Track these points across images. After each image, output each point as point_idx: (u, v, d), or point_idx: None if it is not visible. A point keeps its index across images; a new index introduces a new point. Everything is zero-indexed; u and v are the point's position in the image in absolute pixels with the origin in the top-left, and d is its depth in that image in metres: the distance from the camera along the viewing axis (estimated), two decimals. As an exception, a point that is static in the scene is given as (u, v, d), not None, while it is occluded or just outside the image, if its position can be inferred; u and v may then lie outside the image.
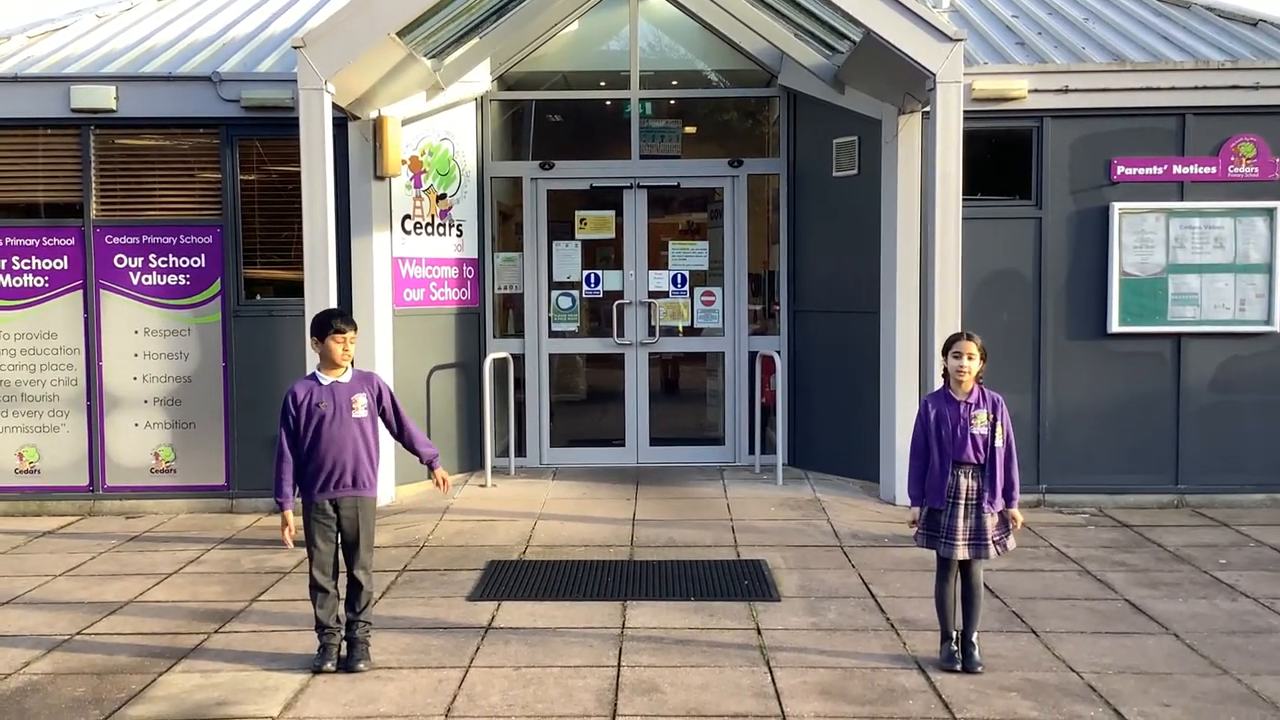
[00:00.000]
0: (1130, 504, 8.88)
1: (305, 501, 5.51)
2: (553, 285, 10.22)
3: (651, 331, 10.13)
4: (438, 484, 5.74)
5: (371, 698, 5.09)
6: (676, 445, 10.36)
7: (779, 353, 9.88)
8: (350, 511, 5.50)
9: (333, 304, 7.83)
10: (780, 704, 4.97)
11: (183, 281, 9.01)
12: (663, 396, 10.72)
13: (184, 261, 9.00)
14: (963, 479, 5.34)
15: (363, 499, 5.55)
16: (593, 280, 10.17)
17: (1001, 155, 8.98)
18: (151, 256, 9.00)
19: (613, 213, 10.17)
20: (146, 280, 9.01)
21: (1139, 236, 8.89)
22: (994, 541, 5.35)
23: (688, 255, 10.22)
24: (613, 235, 10.20)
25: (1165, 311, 8.90)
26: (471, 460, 9.82)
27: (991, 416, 5.34)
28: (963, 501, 5.34)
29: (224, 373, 9.02)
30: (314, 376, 5.52)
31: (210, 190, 9.06)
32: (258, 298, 9.12)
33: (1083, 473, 8.94)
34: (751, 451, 10.06)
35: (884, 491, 8.96)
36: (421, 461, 5.80)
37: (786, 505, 8.76)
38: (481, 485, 9.43)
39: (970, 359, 5.35)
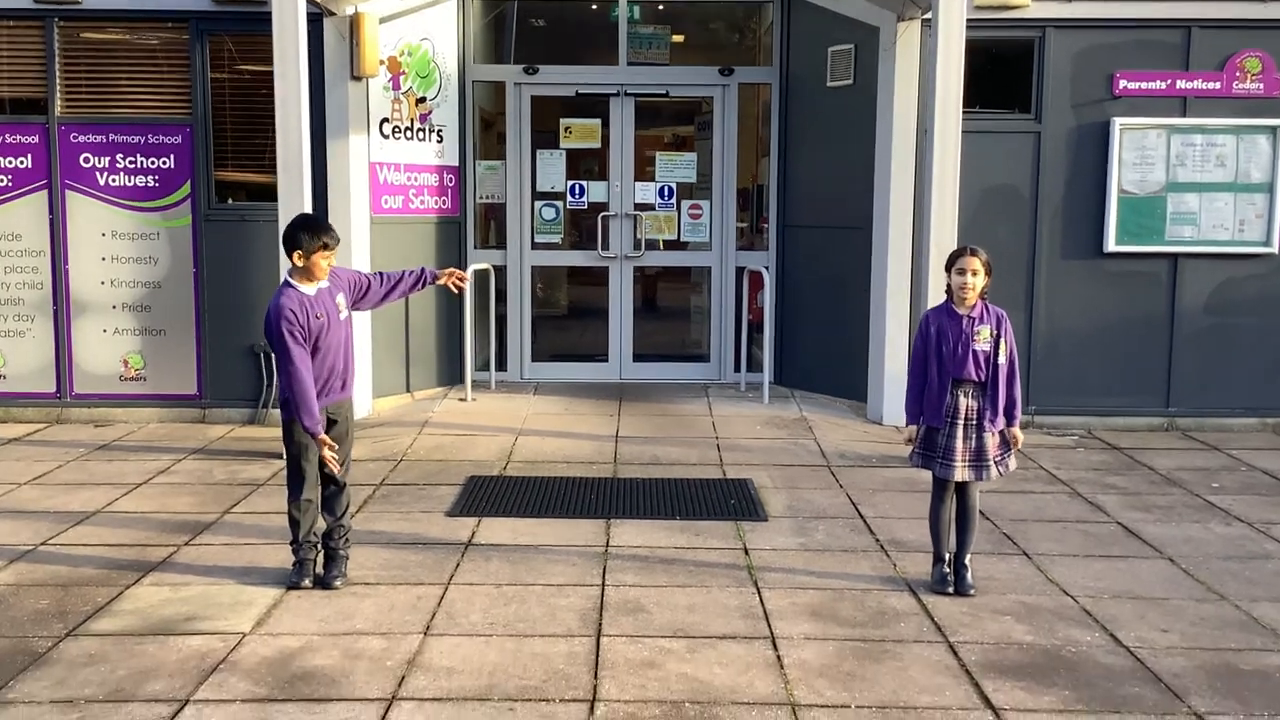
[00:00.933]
0: (1120, 426, 8.76)
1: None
2: (536, 196, 9.92)
3: (637, 245, 9.87)
4: (454, 281, 5.68)
5: (348, 614, 4.92)
6: (661, 362, 10.17)
7: (767, 268, 9.65)
8: (341, 414, 5.32)
9: (308, 210, 7.54)
10: (769, 625, 4.84)
11: (151, 183, 8.67)
12: (647, 312, 10.50)
13: (152, 162, 8.65)
14: (962, 398, 5.16)
15: (348, 401, 5.41)
16: (577, 191, 9.87)
17: (1001, 67, 8.69)
18: (119, 156, 8.64)
19: (599, 121, 9.84)
20: (114, 181, 8.66)
21: (1139, 153, 8.65)
22: (995, 462, 5.19)
23: (675, 167, 9.92)
24: (598, 145, 9.88)
25: (1163, 231, 8.70)
26: (451, 374, 9.60)
27: (995, 332, 5.15)
28: (962, 421, 5.17)
29: (194, 279, 8.72)
30: (291, 285, 5.12)
31: (179, 88, 8.68)
32: (230, 201, 8.80)
33: (1073, 394, 8.80)
34: (737, 369, 9.87)
35: (871, 411, 8.81)
36: (429, 283, 5.65)
37: (773, 424, 8.60)
38: (461, 399, 9.22)
39: (975, 275, 5.14)
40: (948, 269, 5.22)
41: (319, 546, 5.34)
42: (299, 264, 5.13)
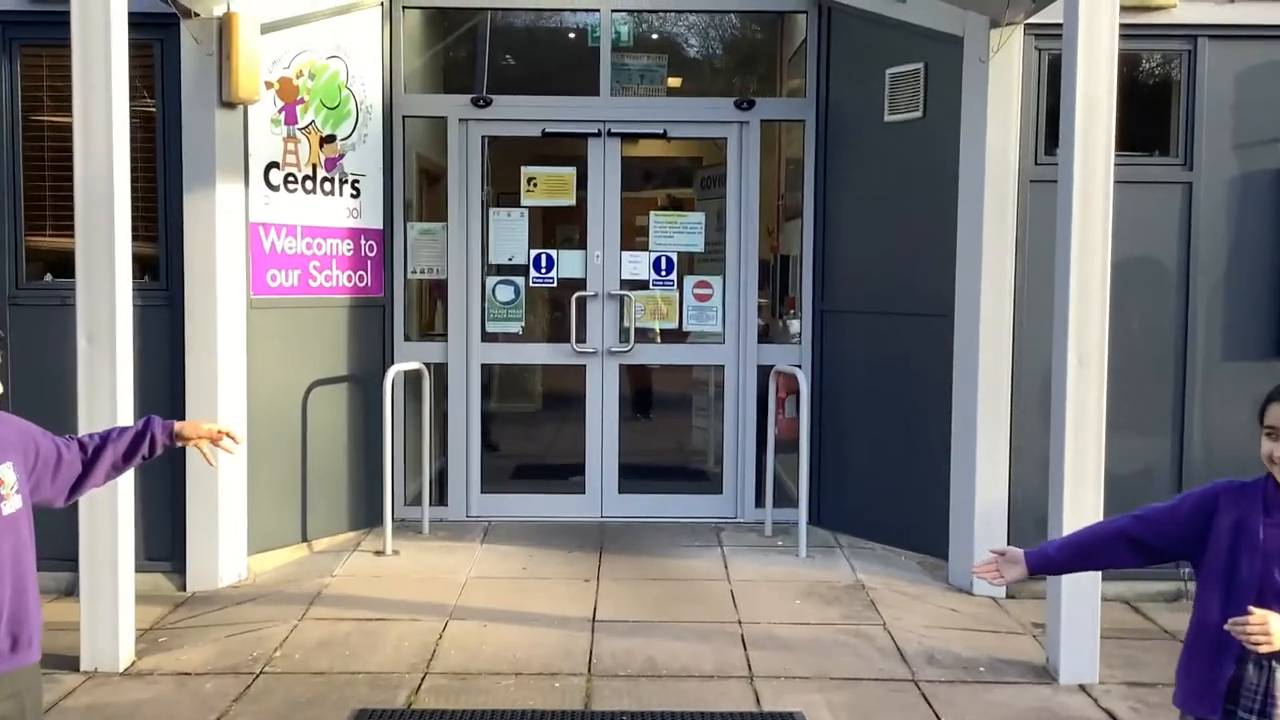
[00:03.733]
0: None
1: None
2: (489, 270, 7.38)
3: (624, 336, 7.32)
4: (209, 444, 3.21)
5: None
6: (656, 493, 7.51)
7: (799, 367, 7.12)
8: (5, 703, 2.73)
9: (122, 288, 4.99)
10: None
11: (-68, 252, 6.13)
12: (638, 425, 7.96)
13: (-65, 223, 6.13)
14: (1257, 673, 2.60)
15: (24, 671, 2.78)
16: (544, 263, 7.34)
17: (1136, 94, 6.23)
18: (-113, 215, 6.12)
19: (573, 170, 7.34)
20: (-120, 249, 6.13)
21: (1326, 213, 6.18)
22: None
23: (676, 231, 7.40)
24: (572, 201, 7.37)
25: (1366, 321, 6.20)
26: (370, 513, 6.98)
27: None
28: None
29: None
30: None
31: (-21, 118, 6.18)
32: (48, 278, 6.25)
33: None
34: (759, 504, 7.27)
35: (956, 574, 6.22)
36: (161, 445, 3.18)
37: (818, 594, 5.99)
38: (378, 553, 6.59)
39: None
40: (1260, 419, 2.68)
41: None
42: None
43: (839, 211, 7.11)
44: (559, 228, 8.05)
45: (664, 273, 7.30)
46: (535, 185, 7.34)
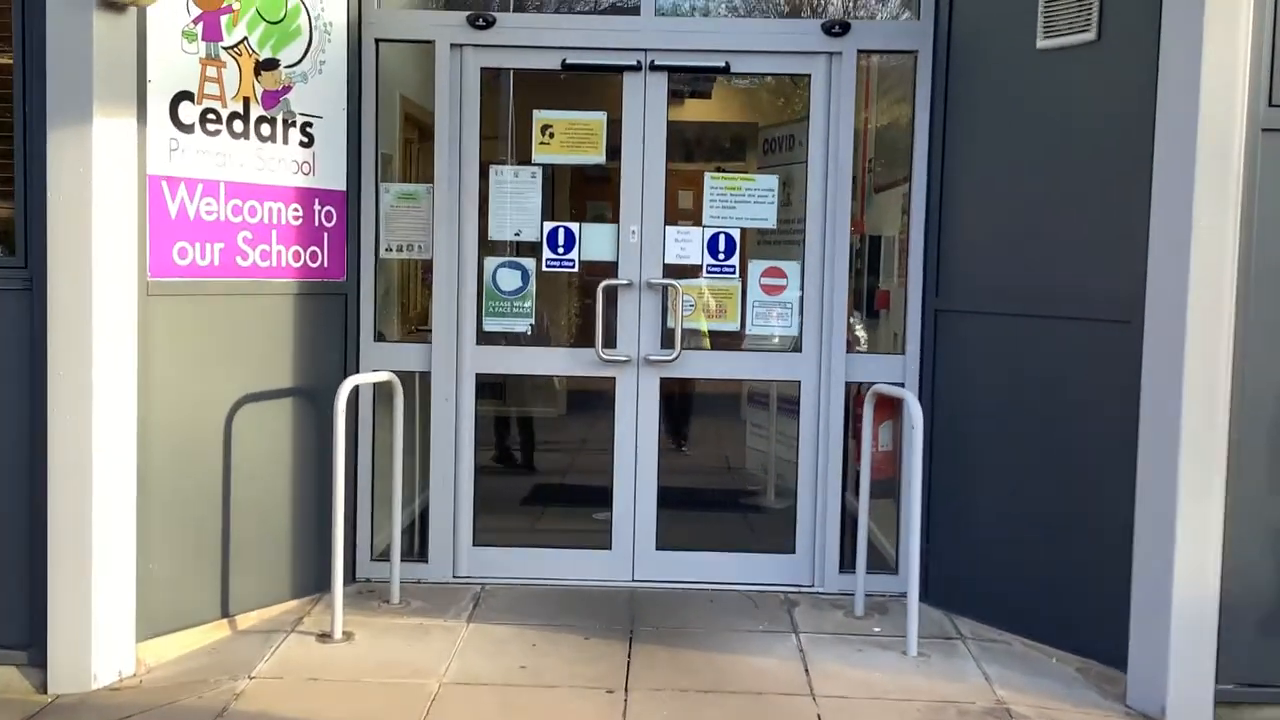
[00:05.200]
0: None
1: None
2: (488, 248, 5.55)
3: (668, 339, 5.45)
4: None
5: None
6: (704, 550, 5.63)
7: (903, 386, 5.26)
8: None
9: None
10: None
11: None
12: (683, 460, 6.11)
13: None
14: None
15: None
16: (561, 241, 5.48)
17: None
18: None
19: (602, 116, 5.48)
20: None
21: None
22: None
23: (739, 200, 5.52)
24: (600, 157, 5.51)
25: None
26: (320, 574, 5.16)
27: None
28: None
29: None
30: None
31: None
32: None
33: None
34: (846, 567, 5.41)
35: (1139, 692, 4.33)
36: None
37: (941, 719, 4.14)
38: (323, 635, 4.79)
39: None
40: None
41: None
42: None
43: (964, 175, 5.21)
44: (584, 195, 6.22)
45: (722, 255, 5.43)
46: (551, 136, 5.48)
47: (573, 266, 5.50)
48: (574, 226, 5.49)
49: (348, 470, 5.00)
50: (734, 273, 5.47)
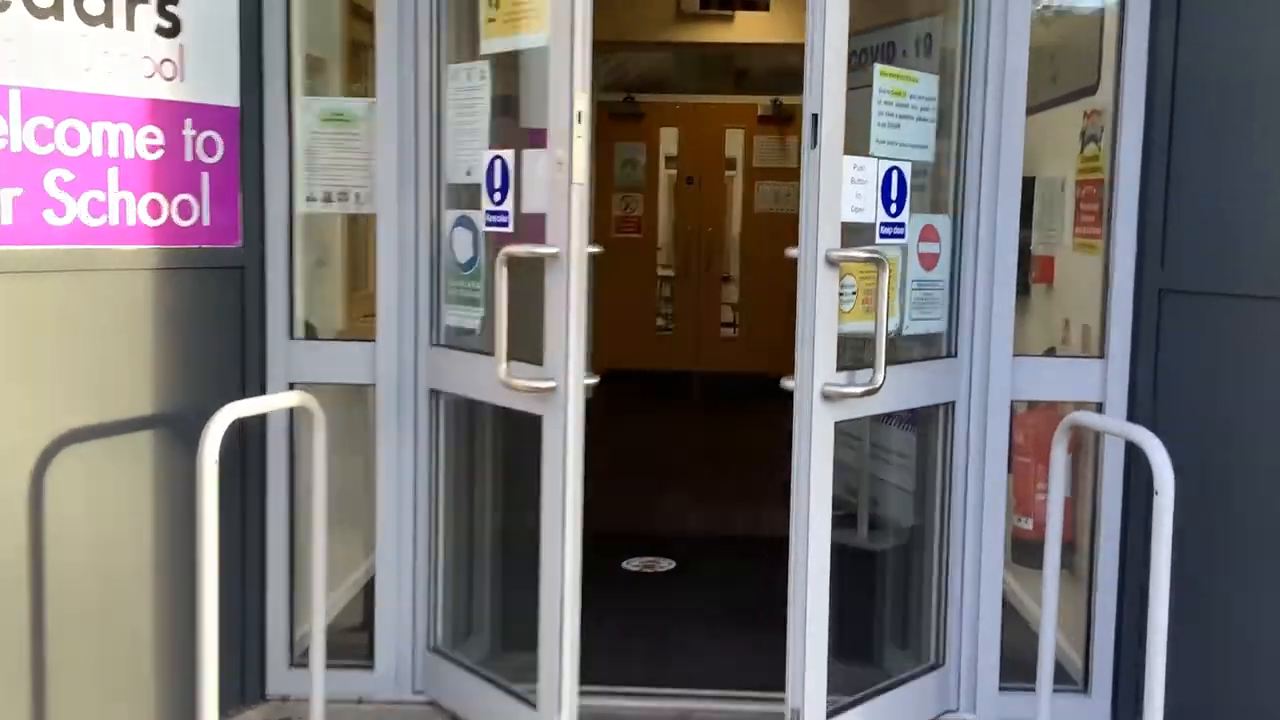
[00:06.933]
0: None
1: None
2: (451, 195, 3.61)
3: (850, 353, 3.43)
4: None
5: None
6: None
7: (1101, 409, 3.36)
8: None
9: None
10: None
11: None
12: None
13: None
14: None
15: None
16: (498, 182, 3.50)
17: None
18: None
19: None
20: None
21: None
22: None
23: (903, 115, 3.44)
24: (543, 39, 3.46)
25: None
26: (180, 709, 3.34)
27: None
28: None
29: None
30: None
31: None
32: None
33: None
34: (1008, 682, 3.54)
35: None
36: None
37: None
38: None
39: None
40: None
41: None
42: None
43: (1202, 90, 3.27)
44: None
45: (894, 207, 3.40)
46: (497, 6, 3.47)
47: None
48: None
49: (251, 536, 3.20)
50: (904, 235, 3.46)
